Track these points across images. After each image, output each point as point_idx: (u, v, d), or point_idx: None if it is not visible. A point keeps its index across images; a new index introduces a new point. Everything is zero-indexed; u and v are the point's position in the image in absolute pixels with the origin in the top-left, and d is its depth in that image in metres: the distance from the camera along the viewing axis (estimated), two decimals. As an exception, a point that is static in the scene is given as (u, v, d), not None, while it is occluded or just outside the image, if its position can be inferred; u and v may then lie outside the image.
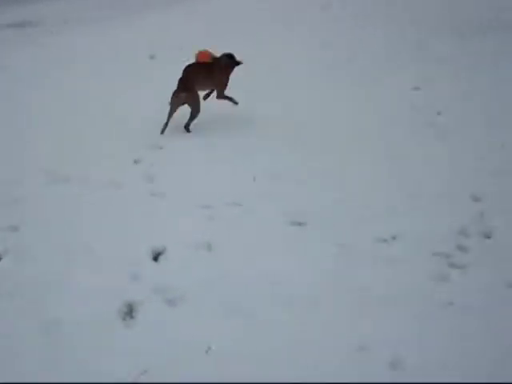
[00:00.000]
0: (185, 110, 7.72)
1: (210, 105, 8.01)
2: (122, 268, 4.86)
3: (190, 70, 7.91)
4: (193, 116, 7.86)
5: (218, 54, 8.09)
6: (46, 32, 13.88)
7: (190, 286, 4.61)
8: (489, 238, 5.29)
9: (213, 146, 7.39)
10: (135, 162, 6.95)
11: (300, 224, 5.57)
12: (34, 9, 16.78)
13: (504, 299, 4.47)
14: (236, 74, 8.10)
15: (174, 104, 7.77)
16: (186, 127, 7.88)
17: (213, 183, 6.37)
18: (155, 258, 5.05)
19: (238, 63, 8.10)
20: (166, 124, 7.80)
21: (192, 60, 8.04)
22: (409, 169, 6.73)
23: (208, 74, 7.99)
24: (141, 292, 4.56)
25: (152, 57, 11.51)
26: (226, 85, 8.16)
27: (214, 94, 8.19)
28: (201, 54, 8.13)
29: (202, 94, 8.01)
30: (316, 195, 6.11)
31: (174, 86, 7.62)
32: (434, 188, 6.20)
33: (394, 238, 5.30)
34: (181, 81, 7.78)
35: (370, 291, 4.58)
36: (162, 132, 7.79)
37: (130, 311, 4.39)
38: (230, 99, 8.21)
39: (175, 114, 7.69)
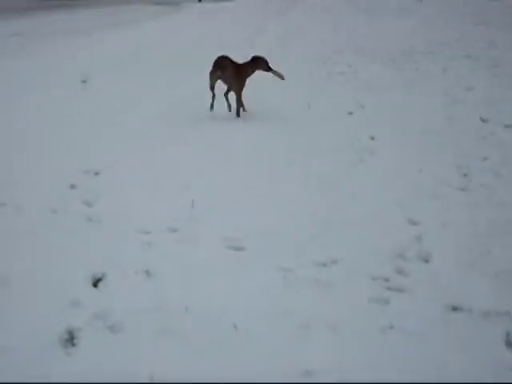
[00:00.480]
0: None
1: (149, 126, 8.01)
2: (62, 295, 4.72)
3: (222, 58, 9.50)
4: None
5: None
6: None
7: (130, 312, 4.52)
8: (427, 261, 5.33)
9: (150, 170, 7.35)
10: (71, 187, 6.85)
11: (239, 249, 5.51)
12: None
13: (443, 322, 4.48)
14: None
15: (212, 79, 9.42)
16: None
17: (151, 208, 6.30)
18: (95, 285, 4.94)
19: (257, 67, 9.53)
20: (213, 101, 9.67)
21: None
22: (345, 192, 6.76)
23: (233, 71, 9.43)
24: (81, 318, 4.44)
25: (84, 81, 11.47)
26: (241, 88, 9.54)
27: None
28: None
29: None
30: (253, 219, 6.07)
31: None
32: (371, 212, 6.24)
33: (333, 262, 5.28)
34: (215, 63, 9.39)
35: (311, 315, 4.53)
36: (212, 108, 9.70)
37: (70, 338, 4.29)
38: (241, 106, 9.62)
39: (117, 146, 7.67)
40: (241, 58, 9.87)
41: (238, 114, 9.60)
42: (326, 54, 14.71)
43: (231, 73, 9.45)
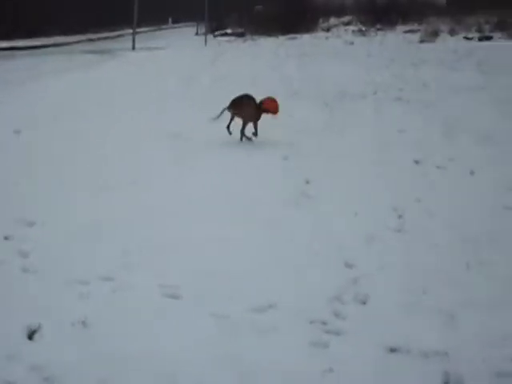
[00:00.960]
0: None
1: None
2: (-4, 348, 4.67)
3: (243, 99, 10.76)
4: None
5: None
6: None
7: (67, 364, 4.46)
8: (364, 303, 5.37)
9: (85, 219, 7.27)
10: (5, 238, 6.75)
11: (175, 296, 5.45)
12: None
13: (382, 364, 4.50)
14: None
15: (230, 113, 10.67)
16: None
17: (87, 257, 6.19)
18: (30, 337, 4.85)
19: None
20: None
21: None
22: (282, 236, 6.78)
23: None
24: (17, 372, 4.36)
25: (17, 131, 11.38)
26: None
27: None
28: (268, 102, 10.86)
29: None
30: (191, 264, 6.03)
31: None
32: (308, 255, 6.26)
33: (270, 306, 5.27)
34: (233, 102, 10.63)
35: (249, 362, 4.50)
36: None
37: (7, 392, 4.21)
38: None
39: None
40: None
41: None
42: (259, 97, 14.84)
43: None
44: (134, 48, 38.18)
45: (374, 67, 19.94)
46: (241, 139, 10.87)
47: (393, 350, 4.67)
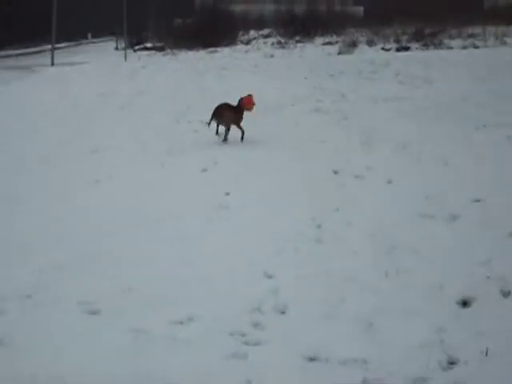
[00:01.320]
0: None
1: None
2: None
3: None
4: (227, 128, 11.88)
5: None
6: None
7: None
8: (283, 313, 5.39)
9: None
10: None
11: (94, 312, 5.40)
12: None
13: (300, 373, 4.51)
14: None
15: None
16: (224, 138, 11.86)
17: (3, 274, 6.13)
18: None
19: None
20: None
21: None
22: (202, 248, 6.79)
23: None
24: None
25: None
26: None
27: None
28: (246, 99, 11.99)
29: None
30: (110, 279, 5.99)
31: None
32: (228, 266, 6.26)
33: (190, 319, 5.26)
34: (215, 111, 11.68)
35: (163, 376, 4.47)
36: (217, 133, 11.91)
37: None
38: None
39: None
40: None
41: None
42: (179, 111, 14.82)
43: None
44: (53, 64, 37.65)
45: (293, 79, 20.10)
46: (224, 139, 11.87)
47: (312, 359, 4.70)
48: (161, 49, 42.89)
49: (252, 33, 47.93)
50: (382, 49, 36.39)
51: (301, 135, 12.10)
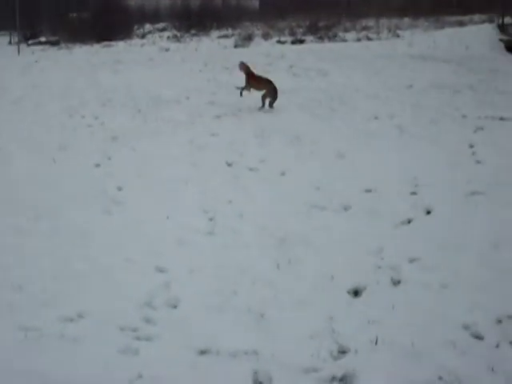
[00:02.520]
0: None
1: None
2: None
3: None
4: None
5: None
6: None
7: None
8: (175, 307, 5.35)
9: None
10: None
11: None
12: None
13: (191, 367, 4.49)
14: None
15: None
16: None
17: None
18: None
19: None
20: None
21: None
22: (97, 243, 6.71)
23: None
24: None
25: None
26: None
27: None
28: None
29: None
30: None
31: None
32: (121, 261, 6.22)
33: (80, 315, 5.18)
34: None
35: (54, 375, 4.39)
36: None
37: None
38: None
39: None
40: None
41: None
42: (73, 106, 14.55)
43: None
44: None
45: (188, 73, 19.94)
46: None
47: (203, 352, 4.71)
48: (55, 43, 41.98)
49: (147, 26, 47.37)
50: (278, 42, 36.58)
51: (196, 128, 12.04)
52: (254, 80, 13.99)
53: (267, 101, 13.75)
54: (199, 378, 4.39)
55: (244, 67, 14.21)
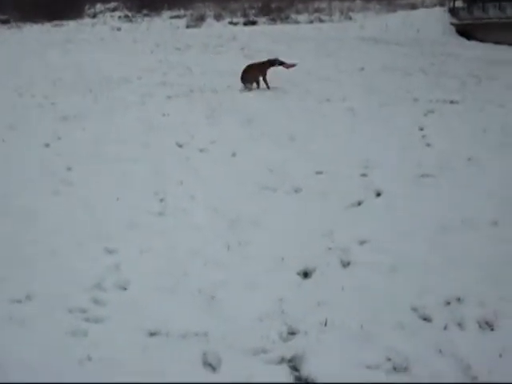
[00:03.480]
0: None
1: None
2: None
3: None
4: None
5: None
6: None
7: None
8: (125, 289, 5.31)
9: None
10: None
11: None
12: None
13: (141, 348, 4.46)
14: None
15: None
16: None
17: None
18: None
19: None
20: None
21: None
22: (45, 225, 6.61)
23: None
24: None
25: None
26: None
27: None
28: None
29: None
30: None
31: None
32: (68, 243, 6.14)
33: (28, 298, 5.11)
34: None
35: (3, 356, 4.34)
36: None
37: None
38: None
39: None
40: None
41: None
42: (22, 85, 14.37)
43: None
44: None
45: (139, 53, 19.89)
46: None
47: (153, 334, 4.68)
48: (5, 22, 41.38)
49: (99, 6, 46.97)
50: (230, 23, 36.52)
51: (147, 109, 11.97)
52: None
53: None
54: (149, 360, 4.36)
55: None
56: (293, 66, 14.14)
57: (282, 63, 13.97)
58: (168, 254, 5.96)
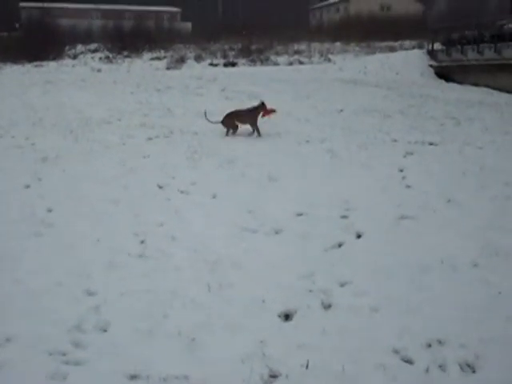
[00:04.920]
0: None
1: None
2: None
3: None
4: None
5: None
6: None
7: None
8: (105, 331, 5.28)
9: None
10: None
11: None
12: None
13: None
14: None
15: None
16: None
17: None
18: None
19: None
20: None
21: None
22: (23, 264, 6.57)
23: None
24: None
25: None
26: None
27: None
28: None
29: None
30: None
31: None
32: (49, 284, 6.10)
33: (7, 340, 5.08)
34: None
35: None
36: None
37: None
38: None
39: None
40: None
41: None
42: (2, 126, 14.36)
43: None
44: None
45: (119, 94, 19.93)
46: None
47: (133, 377, 4.66)
48: (-16, 62, 41.41)
49: (79, 47, 47.04)
50: (210, 64, 36.73)
51: (127, 150, 11.98)
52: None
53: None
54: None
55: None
56: (273, 111, 13.78)
57: (264, 111, 13.67)
58: (148, 295, 5.94)
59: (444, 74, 27.88)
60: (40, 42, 41.75)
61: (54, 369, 4.70)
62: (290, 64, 35.48)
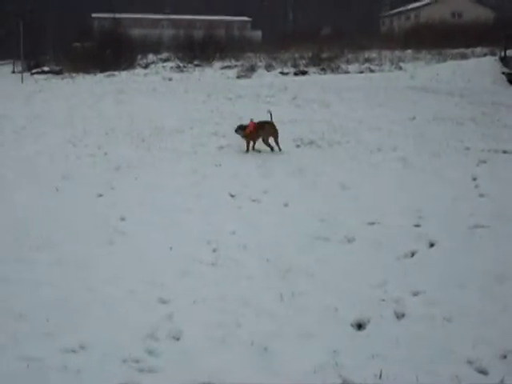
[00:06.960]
0: None
1: None
2: None
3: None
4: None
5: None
6: None
7: None
8: (178, 339, 5.32)
9: None
10: None
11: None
12: None
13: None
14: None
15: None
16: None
17: None
18: None
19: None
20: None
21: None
22: (101, 274, 6.66)
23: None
24: None
25: None
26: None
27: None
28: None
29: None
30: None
31: None
32: (123, 292, 6.19)
33: (82, 347, 5.15)
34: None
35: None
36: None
37: None
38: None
39: None
40: None
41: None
42: (76, 135, 14.58)
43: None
44: None
45: (191, 103, 20.04)
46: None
47: (205, 386, 4.65)
48: (58, 72, 42.07)
49: (151, 56, 47.55)
50: (280, 73, 36.74)
51: (199, 158, 12.06)
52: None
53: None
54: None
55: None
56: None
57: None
58: (220, 304, 5.97)
59: (517, 81, 27.37)
60: (112, 53, 42.35)
61: (128, 376, 4.75)
62: (361, 72, 35.26)
